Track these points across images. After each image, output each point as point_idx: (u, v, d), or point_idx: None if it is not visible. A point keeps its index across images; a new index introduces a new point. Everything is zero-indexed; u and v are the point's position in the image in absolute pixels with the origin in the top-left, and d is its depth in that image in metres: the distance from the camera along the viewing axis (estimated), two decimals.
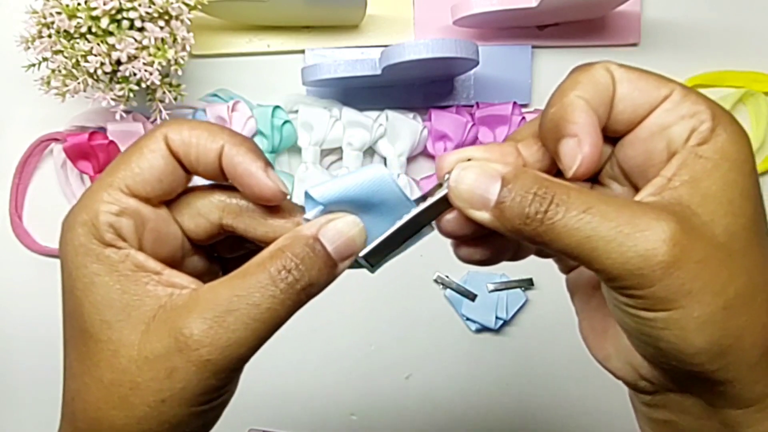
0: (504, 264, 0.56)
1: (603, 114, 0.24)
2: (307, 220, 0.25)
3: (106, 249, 0.24)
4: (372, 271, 0.27)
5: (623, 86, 0.24)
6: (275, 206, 0.26)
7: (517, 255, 0.29)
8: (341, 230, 0.24)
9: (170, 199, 0.26)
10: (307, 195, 0.25)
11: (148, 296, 0.24)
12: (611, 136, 0.25)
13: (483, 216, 0.23)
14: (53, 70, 0.46)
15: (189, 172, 0.26)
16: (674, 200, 0.22)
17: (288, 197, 0.25)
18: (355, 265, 0.26)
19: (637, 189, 0.25)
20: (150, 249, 0.25)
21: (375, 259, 0.27)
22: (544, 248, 0.23)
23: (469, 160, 0.25)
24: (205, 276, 0.27)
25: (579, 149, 0.23)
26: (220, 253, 0.29)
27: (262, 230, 0.26)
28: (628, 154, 0.25)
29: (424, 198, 0.26)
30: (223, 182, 0.26)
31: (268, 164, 0.25)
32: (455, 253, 0.28)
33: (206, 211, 0.27)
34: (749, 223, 0.23)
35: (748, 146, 0.23)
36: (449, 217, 0.26)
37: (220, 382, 0.23)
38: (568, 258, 0.22)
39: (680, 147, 0.23)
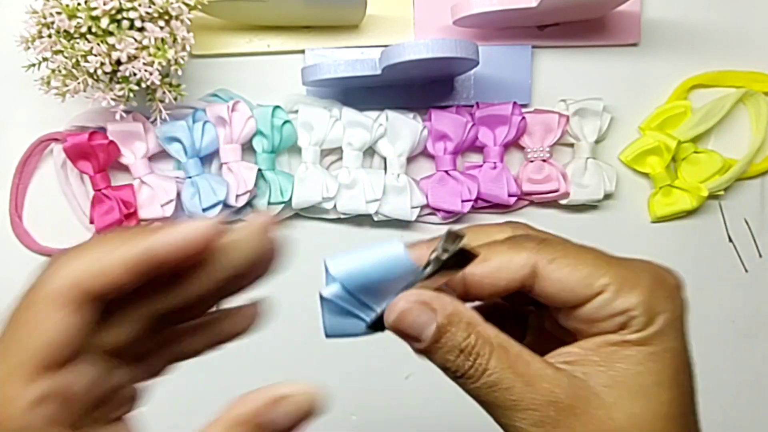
0: None
1: (503, 289, 0.25)
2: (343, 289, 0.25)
3: None
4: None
5: (550, 284, 0.24)
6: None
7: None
8: (288, 412, 0.24)
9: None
10: (325, 267, 0.25)
11: None
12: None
13: (414, 345, 0.25)
14: (53, 70, 0.46)
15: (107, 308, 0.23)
16: (583, 375, 0.24)
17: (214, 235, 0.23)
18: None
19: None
20: (78, 419, 0.22)
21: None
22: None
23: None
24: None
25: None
26: None
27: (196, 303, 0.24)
28: (559, 319, 0.26)
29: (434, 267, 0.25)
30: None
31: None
32: None
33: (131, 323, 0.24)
34: (663, 410, 0.23)
35: (680, 331, 0.24)
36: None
37: None
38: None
39: (611, 330, 0.24)
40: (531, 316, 0.29)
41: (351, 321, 0.26)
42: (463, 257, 0.24)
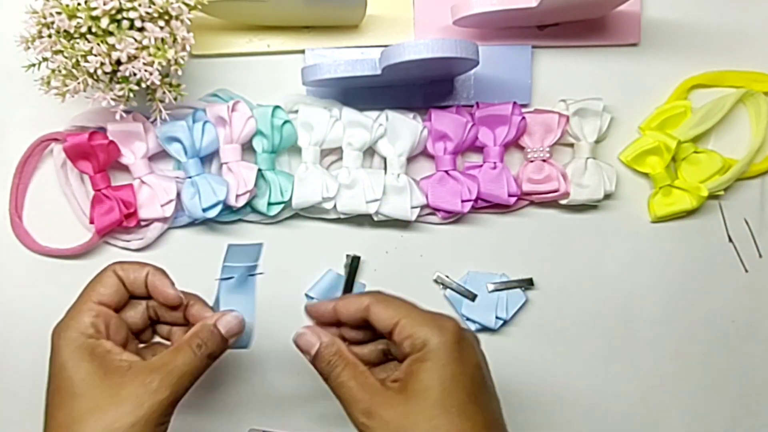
0: (504, 264, 0.57)
1: (353, 315, 0.43)
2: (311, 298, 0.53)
3: (88, 339, 0.40)
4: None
5: (374, 315, 0.41)
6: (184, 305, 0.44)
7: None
8: (229, 321, 0.43)
9: (120, 307, 0.44)
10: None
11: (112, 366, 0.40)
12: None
13: (307, 356, 0.42)
14: (53, 70, 0.46)
15: (129, 291, 0.43)
16: (393, 386, 0.39)
17: (183, 302, 0.44)
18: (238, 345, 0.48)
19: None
20: (112, 337, 0.41)
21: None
22: (327, 381, 0.42)
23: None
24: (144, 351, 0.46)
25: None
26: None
27: (171, 319, 0.45)
28: (394, 341, 0.41)
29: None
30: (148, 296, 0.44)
31: (172, 284, 0.44)
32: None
33: (141, 311, 0.45)
34: (417, 409, 0.37)
35: (450, 344, 0.39)
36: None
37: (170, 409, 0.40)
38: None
39: (409, 352, 0.39)
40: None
41: None
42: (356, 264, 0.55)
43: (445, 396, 0.37)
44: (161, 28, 0.44)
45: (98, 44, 0.43)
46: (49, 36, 0.44)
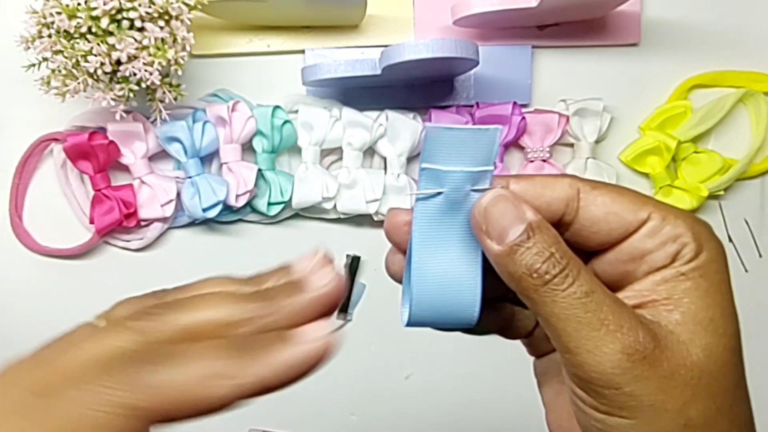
0: None
1: (544, 209, 0.24)
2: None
3: None
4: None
5: (595, 208, 0.24)
6: None
7: (503, 331, 0.30)
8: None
9: None
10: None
11: None
12: (583, 250, 0.25)
13: (493, 247, 0.23)
14: (53, 70, 0.46)
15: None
16: (651, 316, 0.23)
17: None
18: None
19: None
20: None
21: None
22: (530, 307, 0.23)
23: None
24: None
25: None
26: None
27: None
28: (605, 270, 0.25)
29: None
30: None
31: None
32: None
33: None
34: (730, 342, 0.23)
35: (726, 264, 0.24)
36: None
37: None
38: (546, 329, 0.23)
39: (662, 267, 0.23)
40: None
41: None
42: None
43: (737, 335, 0.25)
44: (161, 28, 0.44)
45: (98, 44, 0.43)
46: (49, 36, 0.44)
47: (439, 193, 0.24)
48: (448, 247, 0.25)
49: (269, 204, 0.53)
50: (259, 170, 0.53)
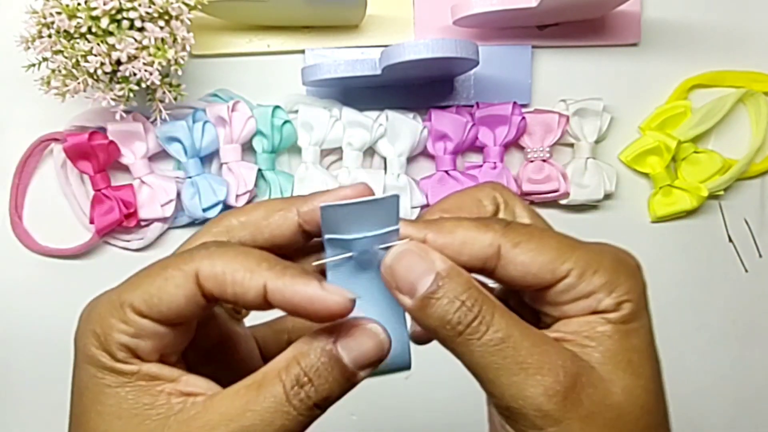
0: None
1: (464, 264, 0.24)
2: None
3: (117, 363, 0.22)
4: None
5: (513, 268, 0.23)
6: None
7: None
8: (360, 340, 0.23)
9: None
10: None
11: (161, 406, 0.22)
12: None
13: (406, 302, 0.23)
14: (53, 70, 0.46)
15: (215, 302, 0.23)
16: (575, 352, 0.23)
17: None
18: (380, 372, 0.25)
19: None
20: (168, 356, 0.24)
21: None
22: (453, 355, 0.23)
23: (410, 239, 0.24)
24: (237, 352, 0.27)
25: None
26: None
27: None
28: (524, 297, 0.25)
29: None
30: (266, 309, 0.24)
31: (320, 278, 0.22)
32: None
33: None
34: (649, 385, 0.23)
35: (646, 307, 0.24)
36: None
37: None
38: (472, 374, 0.23)
39: (577, 317, 0.23)
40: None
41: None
42: None
43: (657, 377, 0.24)
44: (161, 28, 0.44)
45: (98, 44, 0.43)
46: (49, 36, 0.44)
47: (350, 257, 0.24)
48: (371, 304, 0.25)
49: None
50: (259, 170, 0.53)
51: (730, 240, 0.57)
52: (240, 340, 0.28)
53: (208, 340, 0.26)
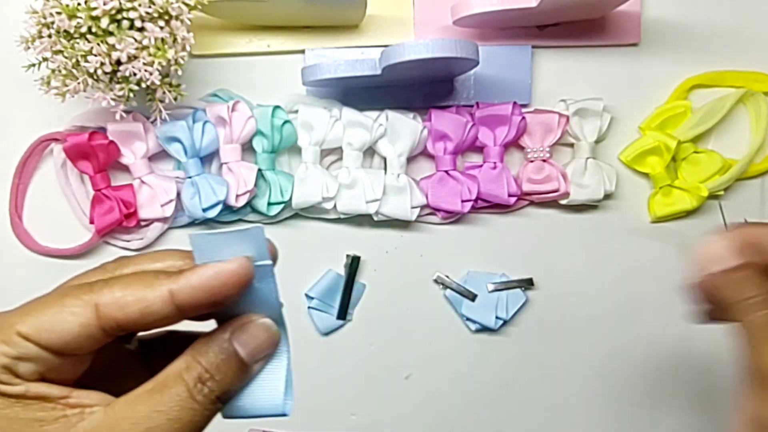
0: (504, 264, 0.57)
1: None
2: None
3: (0, 385, 0.22)
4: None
5: None
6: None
7: None
8: (254, 333, 0.25)
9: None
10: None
11: (56, 420, 0.22)
12: None
13: (704, 273, 0.32)
14: (53, 70, 0.46)
15: (113, 334, 0.24)
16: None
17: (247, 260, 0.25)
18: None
19: None
20: (55, 376, 0.23)
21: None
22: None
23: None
24: (120, 369, 0.27)
25: None
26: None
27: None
28: None
29: None
30: (175, 323, 0.25)
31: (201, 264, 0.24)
32: None
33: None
34: None
35: None
36: None
37: None
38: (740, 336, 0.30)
39: None
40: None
41: None
42: None
43: None
44: (161, 28, 0.44)
45: (98, 44, 0.43)
46: (49, 36, 0.44)
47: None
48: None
49: (269, 204, 0.53)
50: (259, 170, 0.53)
51: None
52: (128, 357, 0.28)
53: (102, 363, 0.26)
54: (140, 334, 0.29)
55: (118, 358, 0.28)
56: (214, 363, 0.24)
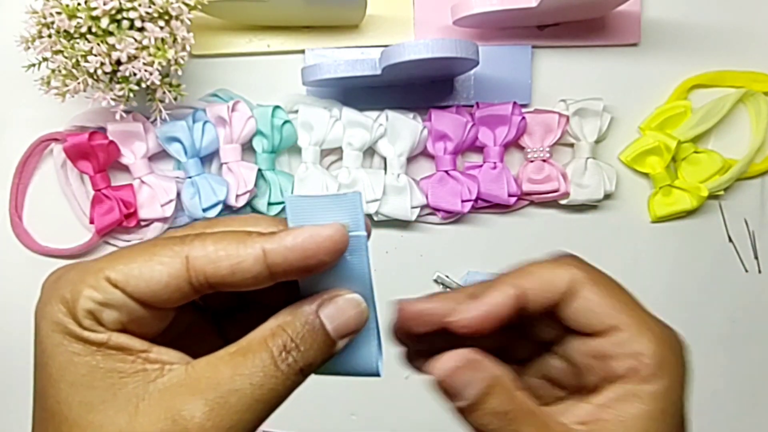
0: (504, 264, 0.57)
1: (540, 307, 0.26)
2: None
3: (84, 331, 0.22)
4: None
5: (584, 301, 0.25)
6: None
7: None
8: (342, 308, 0.24)
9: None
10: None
11: (136, 374, 0.22)
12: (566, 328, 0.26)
13: (457, 406, 0.26)
14: (53, 70, 0.46)
15: (201, 290, 0.23)
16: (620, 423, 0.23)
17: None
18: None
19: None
20: (136, 328, 0.23)
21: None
22: None
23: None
24: (195, 334, 0.27)
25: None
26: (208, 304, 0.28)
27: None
28: (574, 356, 0.26)
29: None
30: (263, 286, 0.23)
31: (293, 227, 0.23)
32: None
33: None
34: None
35: (682, 388, 0.24)
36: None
37: None
38: None
39: (618, 379, 0.24)
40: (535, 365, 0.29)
41: None
42: None
43: None
44: (161, 28, 0.44)
45: (98, 44, 0.43)
46: (49, 36, 0.44)
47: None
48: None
49: (269, 204, 0.53)
50: (259, 170, 0.53)
51: (730, 240, 0.57)
52: (204, 323, 0.28)
53: (179, 325, 0.25)
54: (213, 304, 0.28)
55: (195, 321, 0.27)
56: (300, 333, 0.23)
